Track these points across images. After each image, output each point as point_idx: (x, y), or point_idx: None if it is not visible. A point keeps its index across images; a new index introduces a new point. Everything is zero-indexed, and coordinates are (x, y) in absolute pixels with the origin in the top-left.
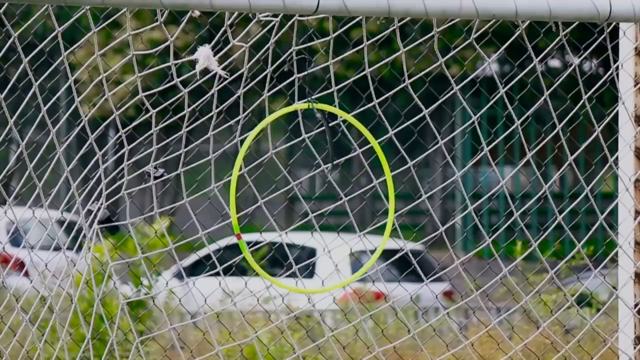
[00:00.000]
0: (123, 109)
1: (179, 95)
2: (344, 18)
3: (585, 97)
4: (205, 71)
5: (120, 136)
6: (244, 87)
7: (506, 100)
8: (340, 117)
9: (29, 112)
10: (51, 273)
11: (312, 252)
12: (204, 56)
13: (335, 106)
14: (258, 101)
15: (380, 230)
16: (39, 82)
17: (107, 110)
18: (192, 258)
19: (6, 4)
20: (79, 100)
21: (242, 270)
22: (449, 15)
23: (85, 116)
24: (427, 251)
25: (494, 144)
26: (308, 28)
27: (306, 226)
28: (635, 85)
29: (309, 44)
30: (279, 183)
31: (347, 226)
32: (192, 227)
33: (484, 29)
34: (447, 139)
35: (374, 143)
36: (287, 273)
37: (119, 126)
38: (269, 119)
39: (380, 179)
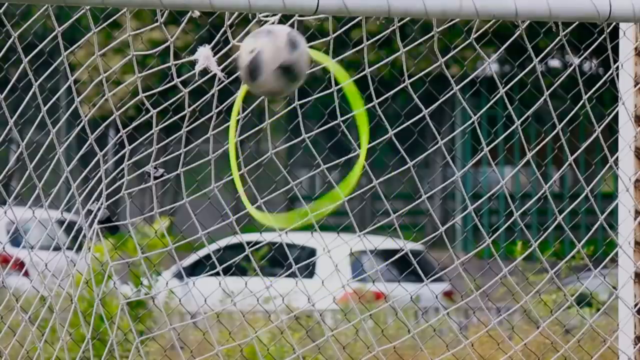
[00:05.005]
0: (123, 109)
1: (179, 96)
2: (344, 18)
3: (585, 96)
4: (205, 71)
5: (120, 136)
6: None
7: (506, 101)
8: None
9: (29, 112)
10: (51, 273)
11: (312, 252)
12: (204, 56)
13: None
14: (257, 101)
15: (380, 230)
16: (39, 82)
17: (107, 111)
18: (193, 258)
19: (6, 4)
20: (79, 100)
21: (242, 270)
22: (449, 16)
23: (85, 116)
24: (427, 251)
25: (494, 144)
26: (309, 28)
27: (306, 226)
28: (635, 86)
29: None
30: (278, 183)
31: (347, 226)
32: (192, 227)
33: (483, 28)
34: (446, 139)
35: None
36: (287, 273)
37: (119, 126)
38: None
39: (380, 179)
